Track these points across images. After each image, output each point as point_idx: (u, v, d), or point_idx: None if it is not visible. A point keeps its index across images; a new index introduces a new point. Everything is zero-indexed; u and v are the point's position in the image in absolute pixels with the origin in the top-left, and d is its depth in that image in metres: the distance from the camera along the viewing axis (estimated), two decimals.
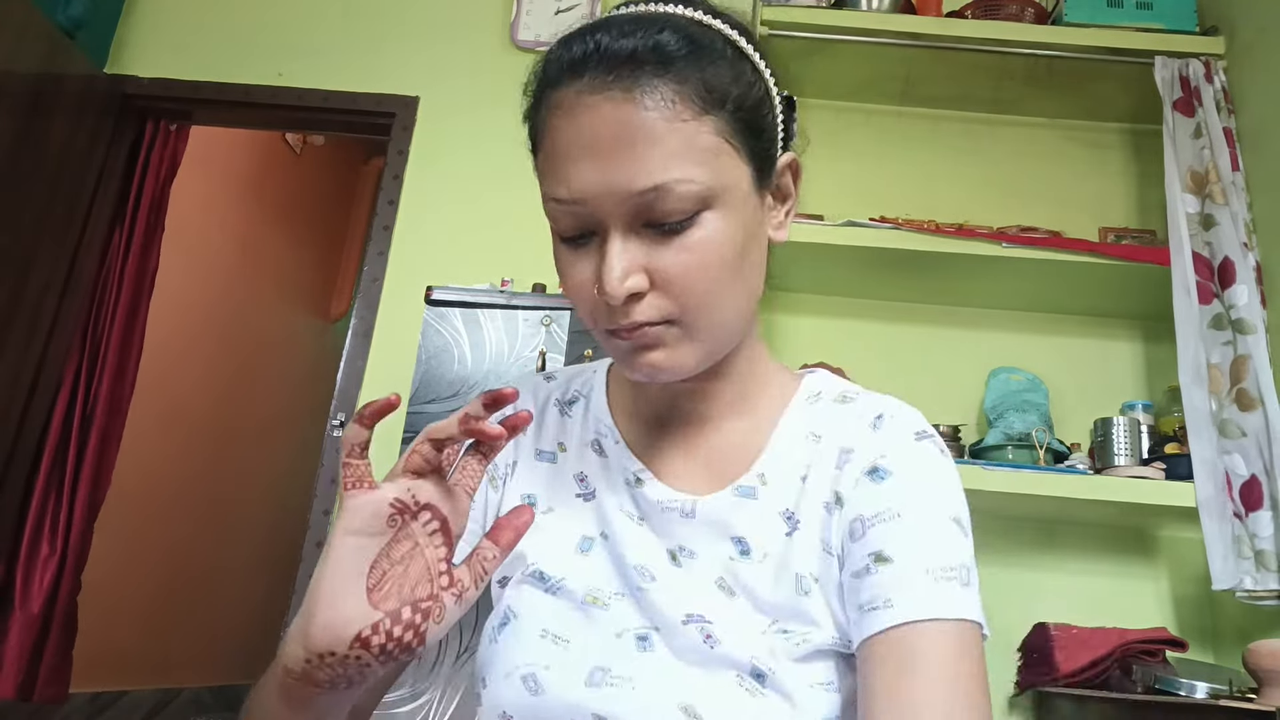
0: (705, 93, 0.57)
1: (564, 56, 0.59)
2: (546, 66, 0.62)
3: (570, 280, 0.61)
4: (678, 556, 0.65)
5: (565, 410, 0.76)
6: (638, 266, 0.58)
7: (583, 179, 0.57)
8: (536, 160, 0.63)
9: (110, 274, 2.55)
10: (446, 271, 2.29)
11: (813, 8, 2.15)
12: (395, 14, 2.64)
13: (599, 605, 0.64)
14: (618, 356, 0.63)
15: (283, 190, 4.00)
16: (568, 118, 0.58)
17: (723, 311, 0.61)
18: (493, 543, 0.53)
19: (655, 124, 0.56)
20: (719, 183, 0.58)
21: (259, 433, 3.86)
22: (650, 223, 0.57)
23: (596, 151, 0.56)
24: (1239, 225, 1.85)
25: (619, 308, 0.58)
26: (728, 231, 0.59)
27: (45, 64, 2.30)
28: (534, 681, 0.61)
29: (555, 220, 0.60)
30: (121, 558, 3.00)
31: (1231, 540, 1.70)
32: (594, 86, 0.57)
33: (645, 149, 0.56)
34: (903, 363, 2.21)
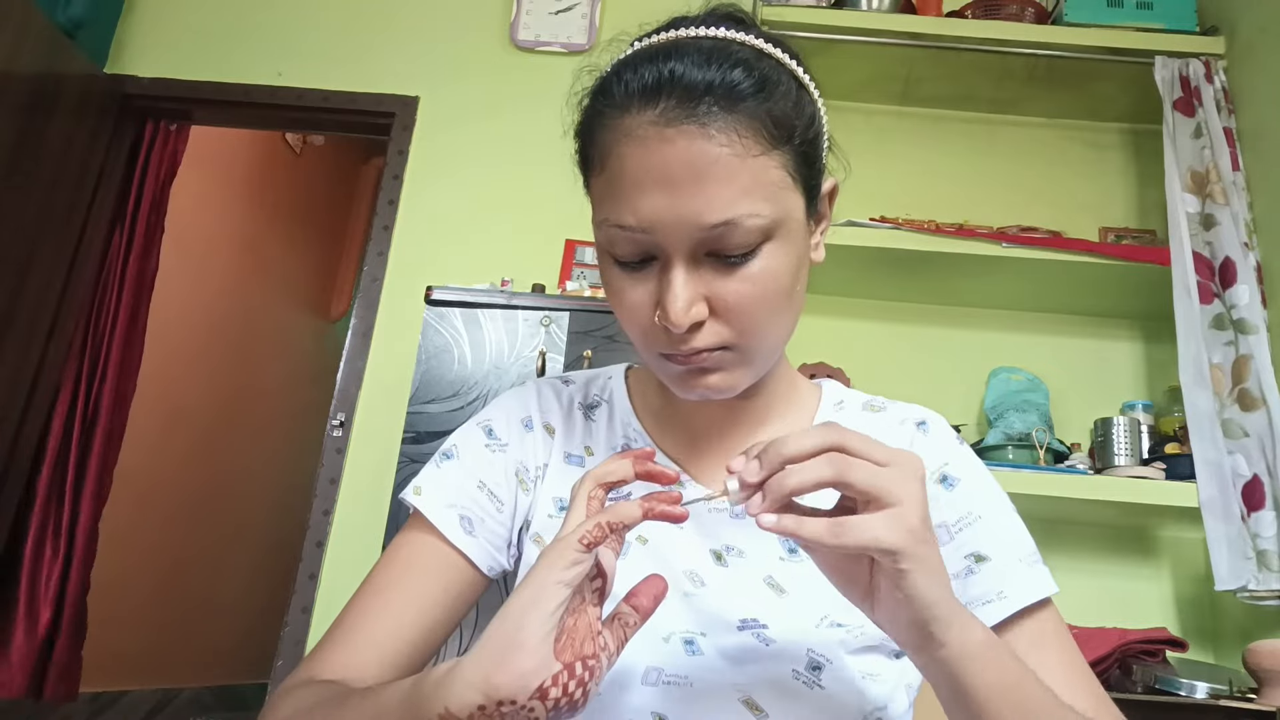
0: (774, 129, 0.58)
1: (633, 82, 0.58)
2: (611, 86, 0.60)
3: (624, 302, 0.61)
4: (724, 556, 0.66)
5: (589, 415, 0.76)
6: (699, 295, 0.58)
7: (653, 209, 0.57)
8: (592, 179, 0.63)
9: (110, 274, 2.55)
10: (446, 271, 2.30)
11: (813, 8, 2.14)
12: (395, 14, 2.64)
13: None
14: (670, 378, 0.63)
15: (283, 190, 4.00)
16: (640, 147, 0.57)
17: (775, 335, 0.63)
18: (633, 609, 0.52)
19: (728, 160, 0.56)
20: (781, 215, 0.59)
21: (259, 432, 3.85)
22: (713, 253, 0.58)
23: (669, 184, 0.56)
24: (1239, 225, 1.85)
25: (679, 335, 0.59)
26: (785, 261, 0.60)
27: (45, 64, 2.30)
28: None
29: (613, 244, 0.60)
30: (121, 558, 3.00)
31: (1234, 541, 1.70)
32: (668, 118, 0.56)
33: (717, 185, 0.56)
34: (903, 363, 2.21)
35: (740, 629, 0.62)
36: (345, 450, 2.26)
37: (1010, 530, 0.67)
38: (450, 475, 0.71)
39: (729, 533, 0.67)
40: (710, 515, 0.67)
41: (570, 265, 2.35)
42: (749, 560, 0.65)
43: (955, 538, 0.66)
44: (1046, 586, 0.65)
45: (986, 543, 0.65)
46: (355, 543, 2.18)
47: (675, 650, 0.62)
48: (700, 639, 0.62)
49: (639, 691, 0.61)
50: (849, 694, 0.61)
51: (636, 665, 0.62)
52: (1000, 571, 0.64)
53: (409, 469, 1.83)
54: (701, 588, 0.64)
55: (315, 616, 2.13)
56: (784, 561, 0.65)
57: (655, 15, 0.68)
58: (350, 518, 2.21)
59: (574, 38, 2.54)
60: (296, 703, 0.58)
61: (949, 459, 0.69)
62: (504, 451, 0.73)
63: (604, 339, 1.92)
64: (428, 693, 0.48)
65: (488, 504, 0.70)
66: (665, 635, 0.63)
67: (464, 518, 0.69)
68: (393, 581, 0.67)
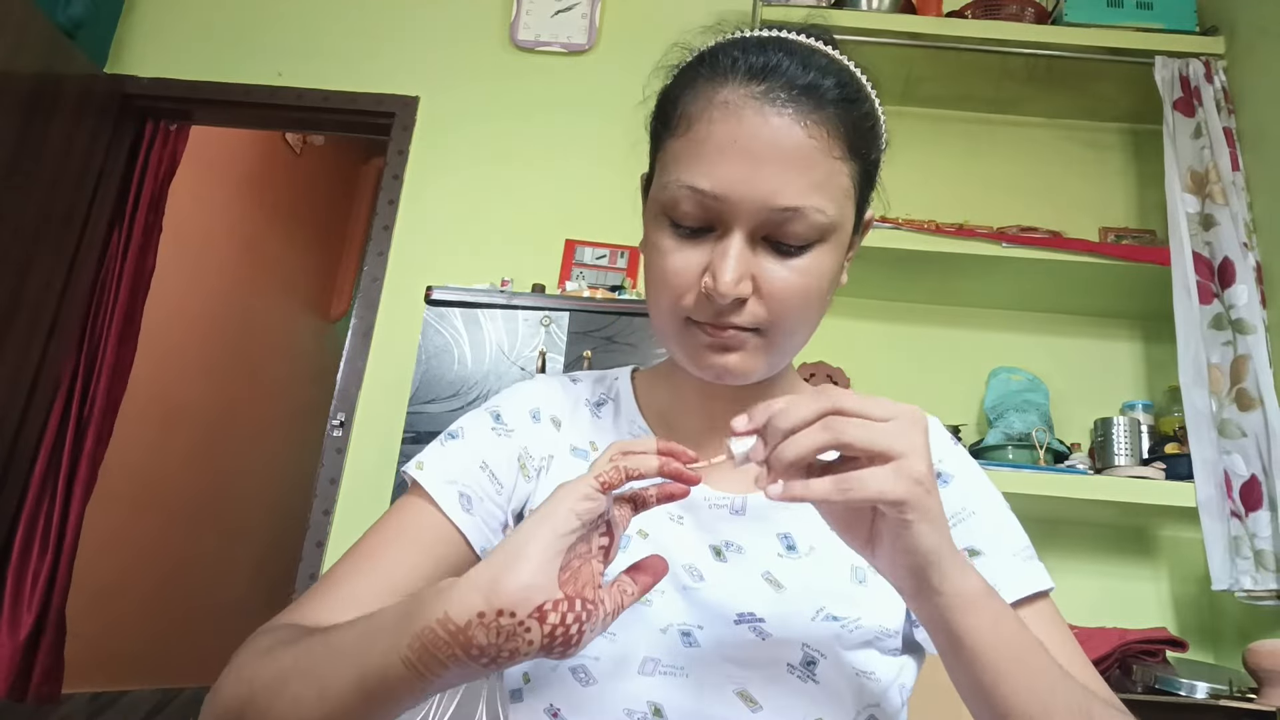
0: (855, 139, 0.62)
1: (741, 60, 0.61)
2: (718, 57, 0.62)
3: (669, 263, 0.62)
4: (723, 552, 0.67)
5: (595, 411, 0.77)
6: (749, 273, 0.60)
7: (730, 177, 0.58)
8: (668, 141, 0.64)
9: (109, 273, 2.55)
10: (446, 271, 2.29)
11: (813, 8, 2.14)
12: (395, 14, 2.64)
13: (642, 601, 0.64)
14: (691, 349, 0.64)
15: (283, 190, 4.00)
16: (734, 115, 0.59)
17: (801, 334, 0.65)
18: (632, 579, 0.53)
19: (812, 152, 0.59)
20: (839, 220, 0.61)
21: (259, 432, 3.85)
22: (771, 237, 0.60)
23: (751, 156, 0.58)
24: (1239, 225, 1.85)
25: (719, 306, 0.60)
26: (829, 265, 0.62)
27: (45, 64, 2.30)
28: (584, 672, 0.62)
29: (677, 205, 0.61)
30: (121, 558, 3.00)
31: (1231, 540, 1.70)
32: (771, 98, 0.59)
33: (797, 171, 0.58)
34: (903, 363, 2.21)
35: (737, 622, 0.63)
36: (345, 450, 2.26)
37: (1004, 526, 0.68)
38: (454, 453, 0.72)
39: (729, 529, 0.67)
40: (710, 512, 0.68)
41: (570, 265, 2.35)
42: (748, 556, 0.66)
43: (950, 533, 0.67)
44: (1040, 581, 0.65)
45: (980, 538, 0.67)
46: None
47: (673, 641, 0.63)
48: (698, 631, 0.63)
49: (636, 681, 0.61)
50: (843, 689, 0.61)
51: (634, 655, 0.62)
52: (994, 566, 0.65)
53: None
54: (700, 582, 0.65)
55: None
56: (782, 558, 0.66)
57: (655, 15, 0.69)
58: (350, 518, 2.21)
59: (574, 38, 2.54)
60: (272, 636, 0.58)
61: (942, 456, 0.71)
62: (509, 437, 0.73)
63: (603, 339, 1.92)
64: (427, 599, 0.48)
65: (488, 484, 0.70)
66: (663, 627, 0.63)
67: (463, 495, 0.69)
68: (384, 544, 0.67)
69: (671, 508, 0.69)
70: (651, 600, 0.65)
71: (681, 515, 0.69)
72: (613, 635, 0.63)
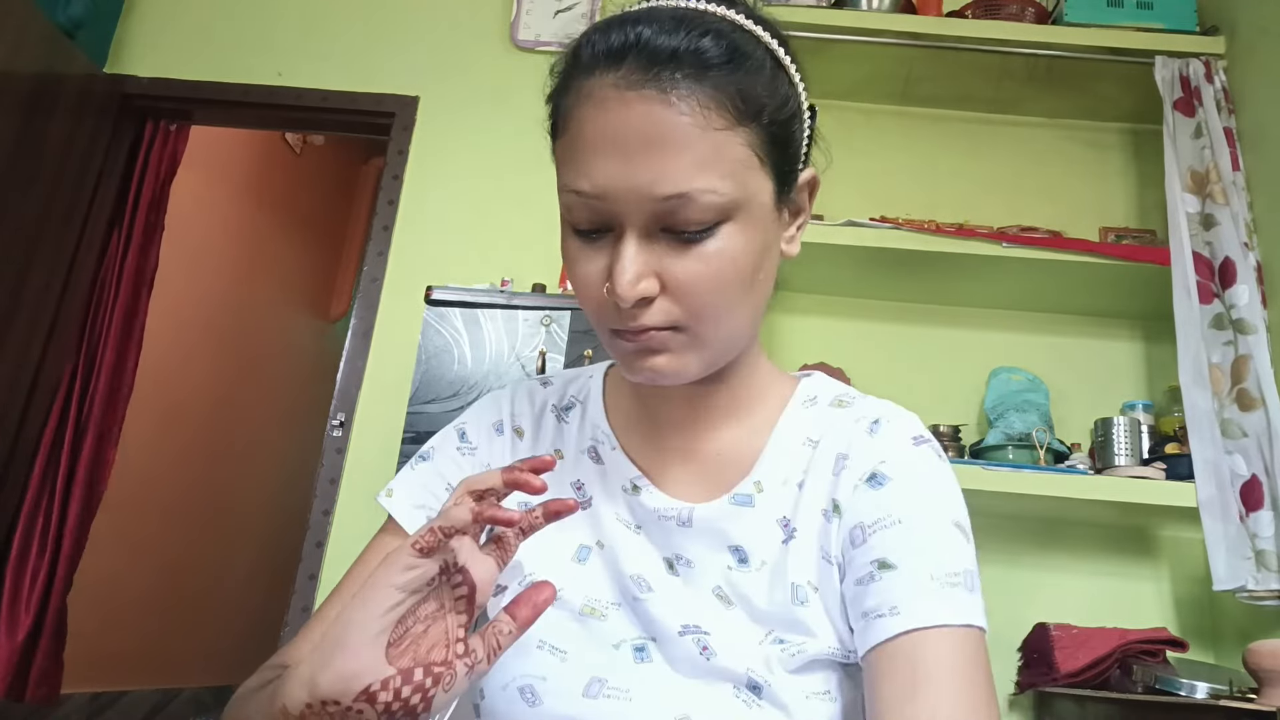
0: (741, 103, 0.56)
1: (600, 44, 0.57)
2: (580, 50, 0.59)
3: (578, 273, 0.60)
4: (675, 565, 0.65)
5: (562, 416, 0.75)
6: (650, 270, 0.56)
7: (607, 174, 0.55)
8: (556, 145, 0.61)
9: (109, 273, 2.55)
10: (446, 271, 2.29)
11: (813, 7, 2.14)
12: (395, 14, 2.64)
13: (596, 616, 0.64)
14: (620, 357, 0.61)
15: (282, 190, 4.00)
16: (598, 109, 0.56)
17: (731, 323, 0.60)
18: (510, 617, 0.52)
19: (687, 129, 0.54)
20: (742, 195, 0.56)
21: (259, 433, 3.86)
22: (668, 228, 0.56)
23: (624, 149, 0.54)
24: (1239, 225, 1.85)
25: (627, 310, 0.57)
26: (745, 245, 0.57)
27: (45, 64, 2.30)
28: (531, 693, 0.61)
29: (570, 210, 0.58)
30: (121, 558, 3.00)
31: (1232, 541, 1.70)
32: (630, 81, 0.55)
33: (674, 154, 0.54)
34: (903, 363, 2.21)
35: (682, 634, 0.61)
36: (345, 450, 2.26)
37: (932, 543, 0.58)
38: (422, 477, 0.73)
39: (679, 541, 0.66)
40: (659, 524, 0.66)
41: None
42: (698, 571, 0.64)
43: (868, 540, 0.60)
44: (955, 614, 0.55)
45: (898, 550, 0.58)
46: (355, 543, 2.18)
47: (625, 658, 0.61)
48: (650, 644, 0.62)
49: (580, 703, 0.60)
50: (794, 712, 0.58)
51: (581, 675, 0.61)
52: (904, 584, 0.57)
53: None
54: (649, 593, 0.63)
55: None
56: (732, 572, 0.63)
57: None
58: (350, 518, 2.21)
59: (574, 37, 2.53)
60: (250, 684, 0.61)
61: (887, 458, 0.63)
62: (473, 455, 0.74)
63: None
64: (277, 689, 0.49)
65: None
66: (616, 642, 0.62)
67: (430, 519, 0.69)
68: (359, 578, 0.68)
69: (628, 516, 0.68)
70: (607, 615, 0.63)
71: (640, 525, 0.67)
72: (564, 653, 0.62)
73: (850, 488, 0.63)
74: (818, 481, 0.64)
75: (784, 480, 0.65)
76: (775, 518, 0.64)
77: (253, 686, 0.60)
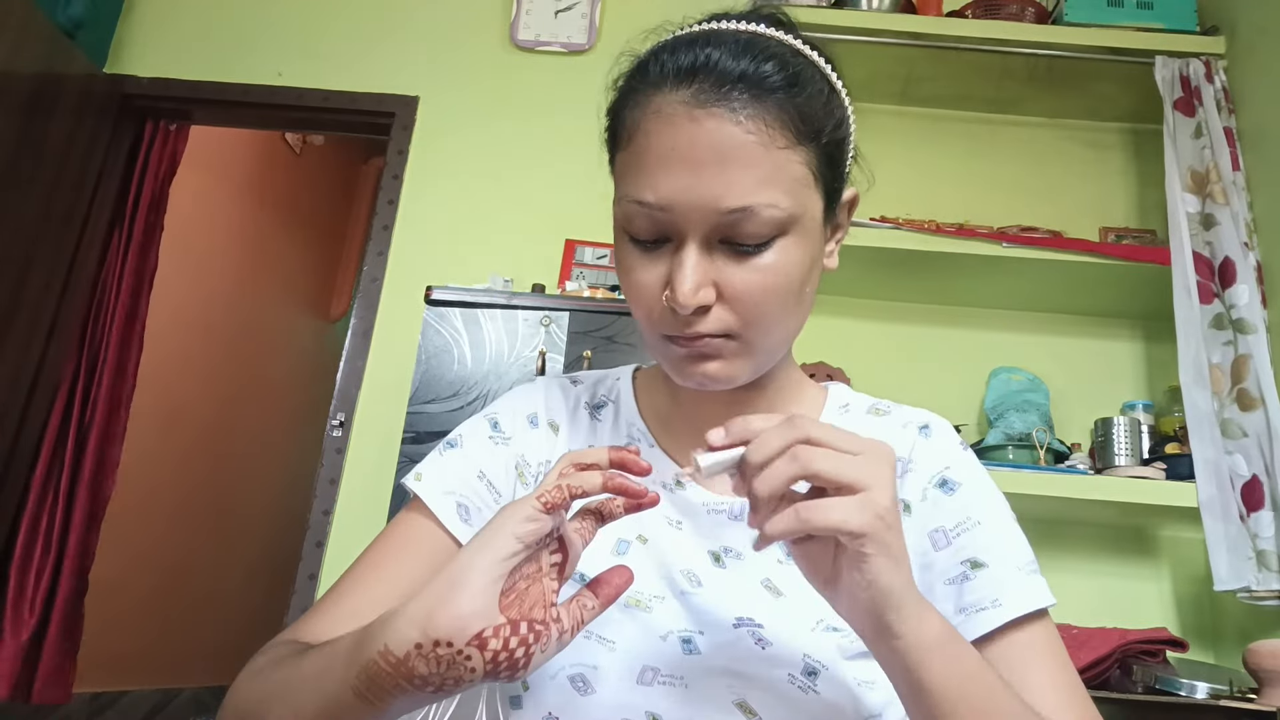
0: (802, 124, 0.59)
1: (670, 63, 0.59)
2: (649, 66, 0.61)
3: (634, 280, 0.62)
4: (722, 558, 0.66)
5: (595, 414, 0.76)
6: (709, 280, 0.59)
7: (672, 187, 0.57)
8: (618, 157, 0.63)
9: (109, 274, 2.55)
10: (446, 271, 2.29)
11: (813, 7, 2.14)
12: (395, 14, 2.64)
13: (641, 608, 0.64)
14: (671, 362, 0.64)
15: (282, 190, 4.00)
16: (667, 124, 0.58)
17: (780, 332, 0.63)
18: (593, 594, 0.52)
19: (752, 147, 0.57)
20: (799, 211, 0.59)
21: (259, 432, 3.85)
22: (727, 240, 0.59)
23: (691, 163, 0.57)
24: (1239, 225, 1.85)
25: (684, 317, 0.59)
26: (797, 258, 0.60)
27: (45, 64, 2.30)
28: (583, 681, 0.61)
29: (630, 220, 0.60)
30: (121, 558, 3.00)
31: (1233, 541, 1.70)
32: (700, 100, 0.57)
33: (739, 170, 0.57)
34: (903, 363, 2.21)
35: (736, 626, 0.62)
36: (345, 450, 2.26)
37: (1009, 538, 0.66)
38: (452, 463, 0.72)
39: (728, 535, 0.67)
40: (709, 517, 0.67)
41: (570, 265, 2.35)
42: (746, 563, 0.65)
43: (953, 542, 0.65)
44: (1043, 597, 0.63)
45: (985, 549, 0.64)
46: (355, 543, 2.18)
47: (673, 649, 0.62)
48: (698, 637, 0.63)
49: (634, 690, 0.61)
50: (844, 700, 0.60)
51: (633, 664, 0.62)
52: (997, 579, 0.63)
53: (409, 469, 1.83)
54: (699, 587, 0.64)
55: None
56: (782, 565, 0.65)
57: (655, 15, 0.69)
58: (350, 518, 2.21)
59: (574, 38, 2.54)
60: (267, 656, 0.60)
61: (950, 463, 0.69)
62: (507, 445, 0.73)
63: (603, 339, 1.92)
64: (373, 631, 0.48)
65: (486, 494, 0.71)
66: (663, 634, 0.63)
67: (461, 505, 0.69)
68: (384, 558, 0.68)
69: (670, 512, 0.68)
70: (651, 607, 0.64)
71: (680, 520, 0.68)
72: (612, 644, 0.63)
73: (919, 491, 0.68)
74: None
75: None
76: None
77: (270, 660, 0.59)
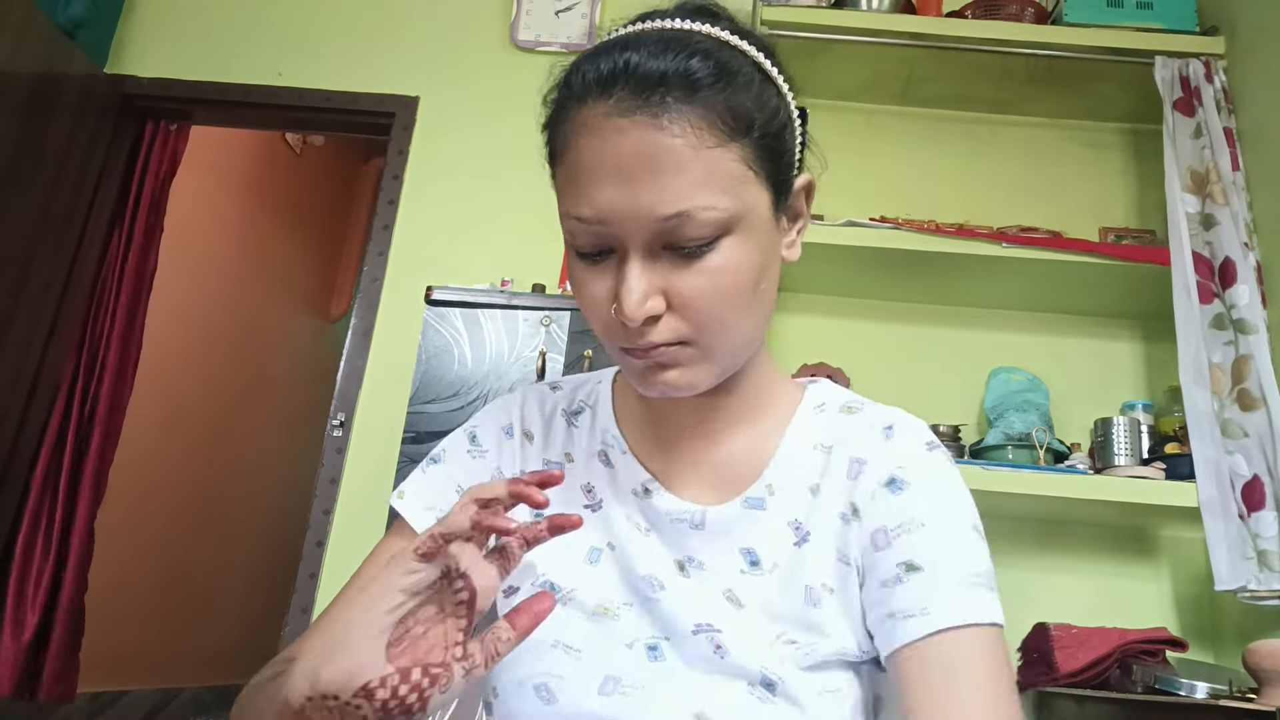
0: (731, 120, 0.57)
1: (590, 72, 0.58)
2: (571, 78, 0.61)
3: (585, 295, 0.61)
4: (686, 567, 0.66)
5: (572, 421, 0.76)
6: (656, 289, 0.58)
7: (607, 200, 0.57)
8: (556, 172, 0.62)
9: (109, 274, 2.55)
10: (446, 271, 2.29)
11: (813, 8, 2.14)
12: (395, 14, 2.64)
13: (609, 616, 0.64)
14: (632, 373, 0.63)
15: (283, 190, 4.00)
16: (594, 137, 0.57)
17: (738, 334, 0.61)
18: (510, 625, 0.52)
19: (681, 151, 0.55)
20: (740, 209, 0.58)
21: (259, 432, 3.86)
22: (670, 246, 0.57)
23: (621, 175, 0.56)
24: (1239, 225, 1.85)
25: (635, 329, 0.59)
26: (746, 256, 0.59)
27: (45, 64, 2.30)
28: (547, 691, 0.62)
29: (573, 236, 0.60)
30: (121, 558, 3.00)
31: (1234, 541, 1.70)
32: (621, 109, 0.56)
33: (670, 176, 0.55)
34: (903, 363, 2.21)
35: (695, 632, 0.62)
36: (345, 450, 2.26)
37: (956, 545, 0.61)
38: (433, 479, 0.73)
39: (691, 544, 0.67)
40: (673, 525, 0.67)
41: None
42: (709, 572, 0.65)
43: (893, 543, 0.62)
44: (979, 612, 0.58)
45: (923, 553, 0.60)
46: (355, 543, 2.18)
47: (638, 657, 0.62)
48: (663, 643, 0.63)
49: (595, 700, 0.61)
50: (806, 708, 0.59)
51: (596, 673, 0.62)
52: (931, 585, 0.59)
53: (409, 469, 1.83)
54: (661, 591, 0.64)
55: (315, 616, 2.13)
56: (745, 574, 0.65)
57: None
58: (350, 518, 2.21)
59: (574, 38, 2.54)
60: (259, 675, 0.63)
61: (905, 463, 0.65)
62: (483, 458, 0.74)
63: None
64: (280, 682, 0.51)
65: None
66: (629, 642, 0.63)
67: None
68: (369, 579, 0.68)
69: (639, 519, 0.68)
70: (619, 615, 0.64)
71: (649, 528, 0.68)
72: (579, 653, 0.63)
73: (869, 493, 0.64)
74: (834, 486, 0.66)
75: (796, 484, 0.67)
76: (787, 520, 0.65)
77: (264, 678, 0.61)
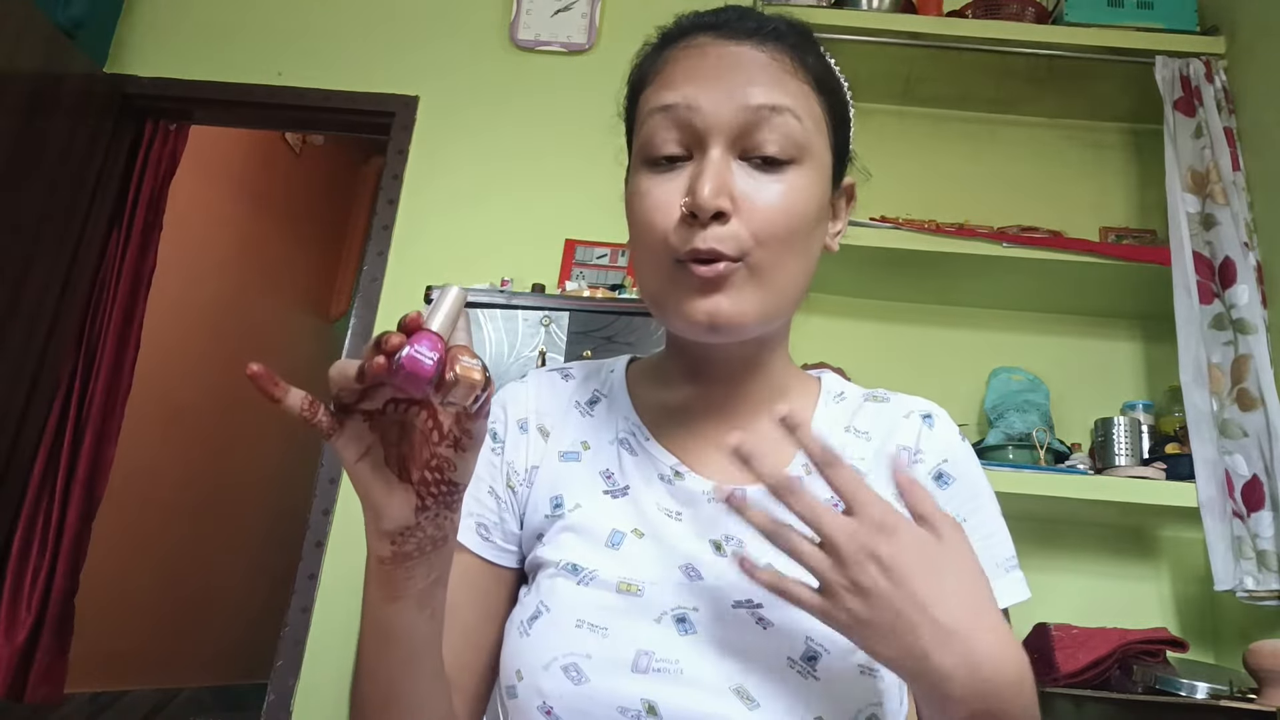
0: (820, 75, 0.64)
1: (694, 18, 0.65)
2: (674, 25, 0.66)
3: (650, 202, 0.63)
4: (723, 546, 0.66)
5: (586, 411, 0.75)
6: (729, 188, 0.60)
7: (698, 88, 0.61)
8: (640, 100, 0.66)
9: (108, 273, 2.55)
10: (446, 271, 2.29)
11: (813, 7, 2.14)
12: (395, 14, 2.64)
13: (633, 593, 0.63)
14: (677, 297, 0.63)
15: (282, 190, 4.00)
16: (695, 50, 0.62)
17: (788, 269, 0.63)
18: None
19: (778, 72, 0.61)
20: (814, 145, 0.63)
21: (258, 432, 3.85)
22: (749, 150, 0.61)
23: (718, 74, 0.61)
24: (1240, 225, 1.85)
25: (699, 230, 0.60)
26: (810, 194, 0.63)
27: (45, 64, 2.30)
28: (576, 671, 0.60)
29: (654, 135, 0.62)
30: (121, 558, 3.00)
31: (1233, 540, 1.70)
32: (728, 34, 0.62)
33: (764, 82, 0.61)
34: (903, 363, 2.20)
35: (735, 607, 0.62)
36: None
37: (992, 535, 0.68)
38: None
39: (730, 523, 0.66)
40: (710, 506, 0.67)
41: (570, 265, 2.35)
42: (749, 551, 0.65)
43: None
44: (1015, 594, 0.66)
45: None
46: (355, 543, 2.18)
47: (668, 631, 0.61)
48: (693, 615, 0.62)
49: (629, 678, 0.60)
50: (846, 686, 0.60)
51: (627, 651, 0.61)
52: None
53: None
54: (699, 581, 0.64)
55: (315, 616, 2.13)
56: None
57: (655, 16, 0.69)
58: (350, 518, 2.20)
59: (574, 38, 2.54)
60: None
61: (949, 455, 0.70)
62: (501, 454, 0.74)
63: (603, 339, 1.92)
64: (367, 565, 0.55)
65: (495, 505, 0.72)
66: (657, 615, 0.62)
67: (480, 524, 0.71)
68: None
69: (668, 503, 0.68)
70: (643, 592, 0.63)
71: (680, 511, 0.68)
72: (604, 630, 0.62)
73: (923, 480, 0.68)
74: (884, 469, 0.68)
75: None
76: (825, 498, 0.65)
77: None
